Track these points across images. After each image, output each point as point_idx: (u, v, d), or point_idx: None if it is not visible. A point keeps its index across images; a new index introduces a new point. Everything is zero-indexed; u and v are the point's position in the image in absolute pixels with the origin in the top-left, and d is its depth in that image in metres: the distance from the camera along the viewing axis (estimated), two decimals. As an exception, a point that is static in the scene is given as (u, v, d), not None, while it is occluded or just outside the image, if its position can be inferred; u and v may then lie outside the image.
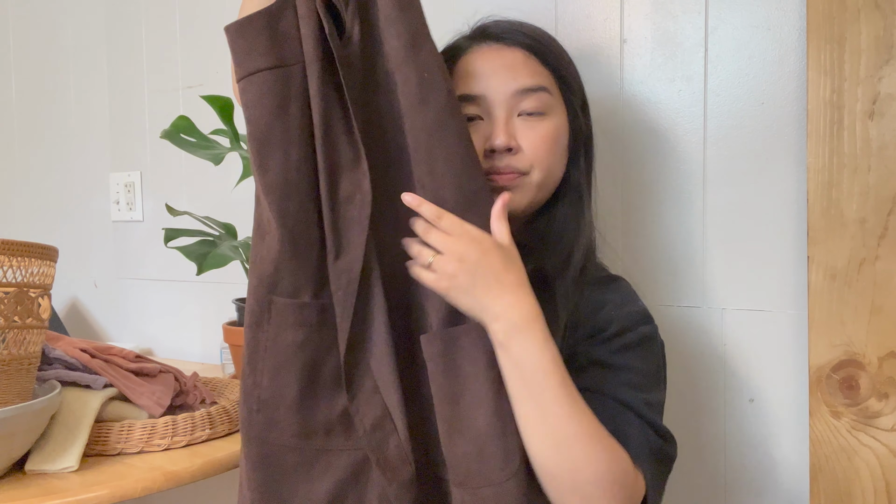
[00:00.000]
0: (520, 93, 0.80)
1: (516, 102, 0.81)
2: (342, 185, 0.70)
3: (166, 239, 1.18)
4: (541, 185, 0.82)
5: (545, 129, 0.81)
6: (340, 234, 0.70)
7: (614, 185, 1.09)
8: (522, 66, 0.81)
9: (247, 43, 0.69)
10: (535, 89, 0.81)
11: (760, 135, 0.99)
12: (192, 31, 1.60)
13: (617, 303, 0.81)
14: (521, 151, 0.80)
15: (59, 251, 0.92)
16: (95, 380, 0.96)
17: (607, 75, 1.10)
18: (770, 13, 0.98)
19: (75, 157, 1.84)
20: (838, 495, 0.91)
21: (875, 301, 0.88)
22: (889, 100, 0.87)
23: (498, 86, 0.80)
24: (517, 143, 0.80)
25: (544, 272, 0.80)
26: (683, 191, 1.05)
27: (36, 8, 1.90)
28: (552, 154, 0.82)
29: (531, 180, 0.81)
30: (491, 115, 0.81)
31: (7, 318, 0.82)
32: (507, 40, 0.83)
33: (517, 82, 0.80)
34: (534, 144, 0.80)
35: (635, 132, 1.08)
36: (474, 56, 0.83)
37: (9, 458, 0.84)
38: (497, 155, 0.80)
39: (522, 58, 0.82)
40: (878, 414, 0.89)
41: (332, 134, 0.70)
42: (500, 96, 0.80)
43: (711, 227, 1.03)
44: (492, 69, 0.81)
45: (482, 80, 0.81)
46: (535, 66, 0.82)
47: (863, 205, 0.88)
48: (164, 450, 0.95)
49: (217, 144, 1.30)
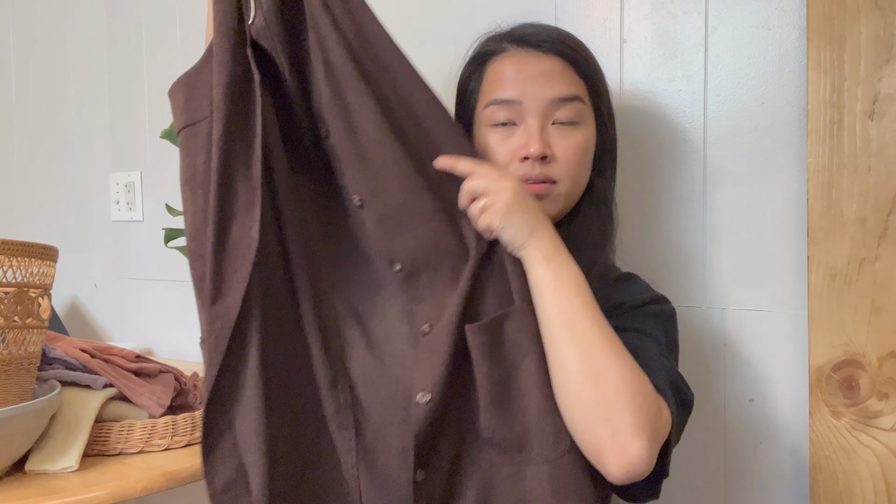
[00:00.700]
0: (556, 101, 0.80)
1: (552, 111, 0.81)
2: (232, 229, 0.70)
3: (166, 239, 1.18)
4: (569, 195, 0.83)
5: (578, 139, 0.82)
6: (221, 279, 0.70)
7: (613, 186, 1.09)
8: (560, 74, 0.82)
9: (174, 102, 0.75)
10: (571, 98, 0.81)
11: (760, 135, 1.00)
12: (191, 32, 1.60)
13: (632, 293, 0.83)
14: (555, 160, 0.81)
15: (59, 251, 0.92)
16: (95, 380, 0.96)
17: (607, 75, 1.09)
18: (770, 13, 0.98)
19: (75, 157, 1.84)
20: (838, 495, 0.91)
21: (875, 301, 0.88)
22: (889, 100, 0.87)
23: (535, 92, 0.80)
24: (552, 151, 0.81)
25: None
26: (683, 191, 1.05)
27: (36, 8, 1.90)
28: (582, 164, 0.83)
29: (560, 190, 0.82)
30: (525, 122, 0.81)
31: (7, 318, 0.82)
32: (544, 47, 0.82)
33: (554, 90, 0.80)
34: (567, 154, 0.81)
35: (635, 132, 1.08)
36: (510, 60, 0.83)
37: (9, 458, 0.84)
38: (530, 162, 0.80)
39: (560, 66, 0.82)
40: (878, 414, 0.89)
41: (228, 179, 0.70)
42: (536, 103, 0.80)
43: (711, 227, 1.03)
44: (529, 75, 0.81)
45: (518, 85, 0.81)
46: (572, 75, 0.82)
47: (863, 205, 0.88)
48: (164, 450, 0.95)
49: (217, 144, 1.29)
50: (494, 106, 0.82)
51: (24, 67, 1.94)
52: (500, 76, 0.83)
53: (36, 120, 1.93)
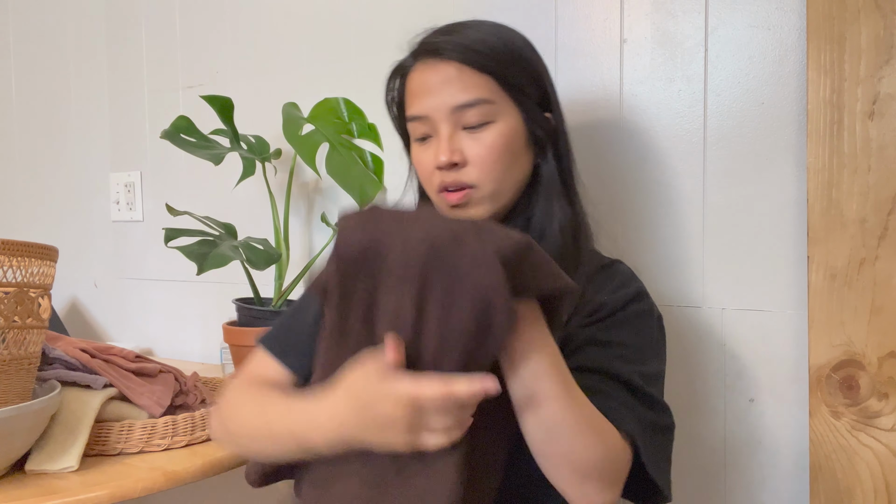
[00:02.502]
0: (458, 109, 0.81)
1: (458, 118, 0.81)
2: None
3: (166, 239, 1.18)
4: (494, 196, 0.82)
5: (490, 139, 0.81)
6: None
7: (614, 185, 1.09)
8: (457, 80, 0.81)
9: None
10: (472, 104, 0.80)
11: (760, 135, 1.00)
12: (192, 31, 1.60)
13: (611, 288, 0.82)
14: (468, 165, 0.81)
15: (59, 251, 0.92)
16: (95, 380, 0.96)
17: (607, 75, 1.10)
18: (770, 13, 0.98)
19: (75, 157, 1.84)
20: (838, 495, 0.91)
21: (875, 301, 0.88)
22: (889, 100, 0.87)
23: (437, 105, 0.81)
24: (462, 156, 0.81)
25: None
26: (683, 191, 1.05)
27: (36, 8, 1.90)
28: (501, 162, 0.81)
29: (482, 193, 0.81)
30: (437, 133, 0.82)
31: (7, 318, 0.82)
32: (443, 55, 0.82)
33: (454, 98, 0.80)
34: (480, 157, 0.81)
35: (635, 132, 1.08)
36: (416, 75, 0.84)
37: (9, 458, 0.84)
38: (444, 171, 0.81)
39: (456, 72, 0.81)
40: (878, 414, 0.89)
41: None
42: (440, 114, 0.81)
43: (711, 227, 1.03)
44: (429, 89, 0.82)
45: (423, 100, 0.82)
46: (471, 77, 0.81)
47: (863, 205, 0.88)
48: (164, 450, 0.95)
49: (217, 144, 1.30)
50: (411, 123, 0.85)
51: (24, 67, 1.95)
52: (410, 92, 0.85)
53: (36, 120, 1.93)
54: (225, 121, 1.26)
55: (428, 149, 0.84)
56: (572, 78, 1.12)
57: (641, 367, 0.77)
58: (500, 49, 0.83)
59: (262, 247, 1.26)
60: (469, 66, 0.81)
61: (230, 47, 1.54)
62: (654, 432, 0.75)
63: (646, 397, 0.75)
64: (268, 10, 1.48)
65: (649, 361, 0.79)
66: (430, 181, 0.84)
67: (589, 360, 0.75)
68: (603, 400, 0.71)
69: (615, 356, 0.76)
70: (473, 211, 0.82)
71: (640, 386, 0.75)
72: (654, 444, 0.74)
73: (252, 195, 1.47)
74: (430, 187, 0.85)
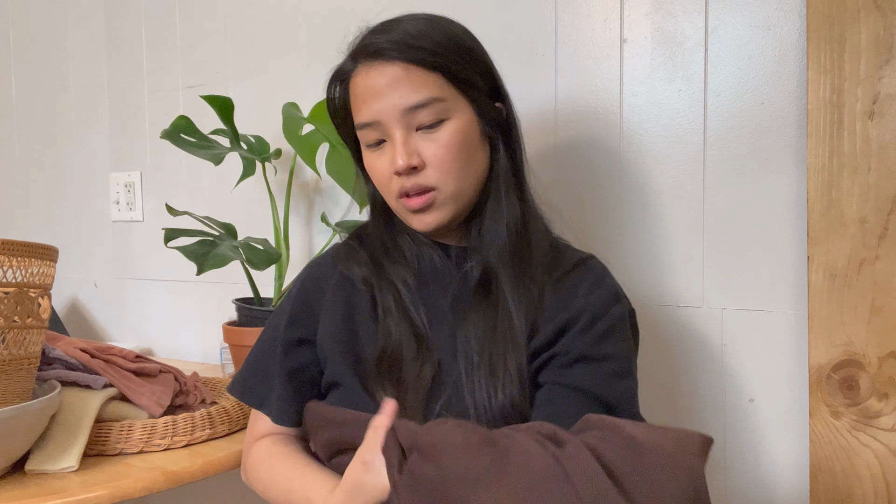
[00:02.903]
0: (409, 110, 0.78)
1: (410, 119, 0.78)
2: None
3: (166, 239, 1.18)
4: (456, 195, 0.80)
5: (445, 137, 0.78)
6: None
7: (614, 185, 1.09)
8: (405, 81, 0.78)
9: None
10: (423, 104, 0.78)
11: (760, 135, 1.00)
12: (192, 31, 1.60)
13: (585, 290, 0.81)
14: (426, 167, 0.79)
15: (59, 251, 0.92)
16: (95, 380, 0.96)
17: (607, 75, 1.10)
18: (770, 13, 0.98)
19: (75, 157, 1.84)
20: (838, 495, 0.91)
21: (875, 301, 0.88)
22: (889, 100, 0.87)
23: (387, 108, 0.78)
24: (420, 159, 0.78)
25: (489, 267, 0.81)
26: (683, 191, 1.05)
27: (36, 8, 1.90)
28: (458, 160, 0.79)
29: (445, 194, 0.80)
30: (391, 137, 0.79)
31: (7, 318, 0.82)
32: (384, 55, 0.79)
33: (404, 100, 0.78)
34: (437, 157, 0.78)
35: (635, 132, 1.08)
36: (360, 79, 0.81)
37: (9, 458, 0.84)
38: (403, 177, 0.79)
39: (402, 73, 0.78)
40: (878, 414, 0.89)
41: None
42: (391, 118, 0.78)
43: (711, 227, 1.03)
44: (377, 92, 0.79)
45: (372, 105, 0.79)
46: (418, 76, 0.78)
47: (863, 205, 0.88)
48: (164, 450, 0.95)
49: (217, 144, 1.30)
50: (361, 131, 0.82)
51: (24, 67, 1.95)
52: (356, 98, 0.81)
53: (36, 120, 1.93)
54: (225, 121, 1.26)
55: (382, 154, 0.81)
56: (572, 78, 1.12)
57: (629, 382, 0.79)
58: (444, 43, 0.80)
59: (262, 247, 1.26)
60: (415, 64, 0.78)
61: (230, 47, 1.54)
62: None
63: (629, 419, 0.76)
64: (268, 11, 1.48)
65: (633, 368, 0.81)
66: (388, 187, 0.81)
67: (583, 380, 0.76)
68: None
69: (606, 374, 0.77)
70: (437, 214, 0.80)
71: (625, 409, 0.77)
72: None
73: (252, 195, 1.48)
74: (388, 194, 0.82)
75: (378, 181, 0.83)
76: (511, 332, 0.78)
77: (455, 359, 0.79)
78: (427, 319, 0.82)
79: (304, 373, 0.86)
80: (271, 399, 0.86)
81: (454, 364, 0.78)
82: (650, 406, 1.08)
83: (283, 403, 0.85)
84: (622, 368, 0.79)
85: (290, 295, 0.90)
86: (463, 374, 0.77)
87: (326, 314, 0.86)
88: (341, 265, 0.88)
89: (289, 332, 0.86)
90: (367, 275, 0.85)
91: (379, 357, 0.80)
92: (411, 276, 0.84)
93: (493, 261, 0.82)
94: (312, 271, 0.91)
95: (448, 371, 0.78)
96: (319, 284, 0.88)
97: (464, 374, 0.77)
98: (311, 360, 0.86)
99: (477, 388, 0.76)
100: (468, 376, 0.77)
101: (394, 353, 0.79)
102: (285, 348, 0.86)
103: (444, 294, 0.83)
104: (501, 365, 0.76)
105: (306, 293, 0.88)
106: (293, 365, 0.86)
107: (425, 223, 0.81)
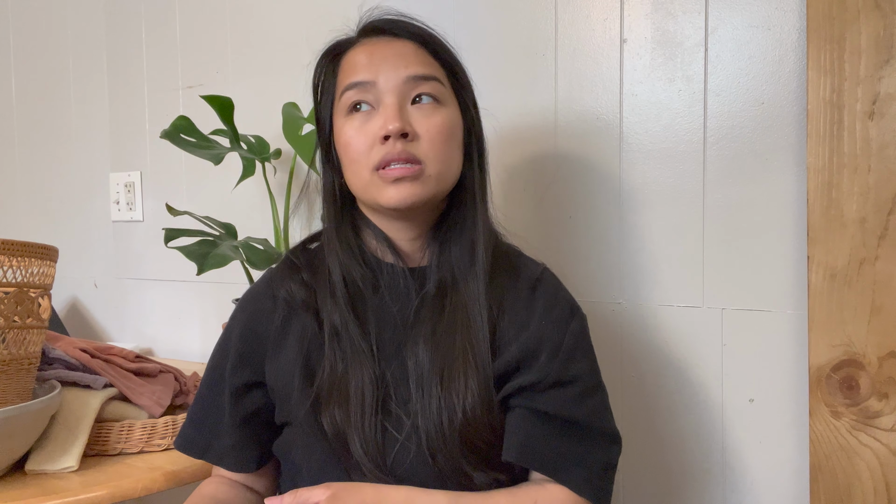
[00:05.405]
0: (412, 79, 0.76)
1: (409, 90, 0.76)
2: None
3: (166, 239, 1.18)
4: (439, 178, 0.77)
5: (441, 118, 0.77)
6: None
7: (614, 185, 1.09)
8: (414, 55, 0.78)
9: None
10: (428, 77, 0.77)
11: (760, 135, 1.00)
12: (192, 31, 1.60)
13: (542, 308, 0.80)
14: (418, 139, 0.75)
15: (59, 251, 0.92)
16: (95, 380, 0.96)
17: (607, 75, 1.10)
18: (770, 13, 0.98)
19: (75, 157, 1.84)
20: (838, 495, 0.91)
21: (875, 301, 0.88)
22: (889, 100, 0.87)
23: (389, 72, 0.76)
24: (413, 129, 0.75)
25: (450, 282, 0.80)
26: (683, 191, 1.05)
27: (36, 8, 1.90)
28: (448, 145, 0.77)
29: (429, 172, 0.76)
30: (382, 103, 0.76)
31: (7, 318, 0.82)
32: (397, 33, 0.79)
33: (409, 69, 0.76)
34: (430, 133, 0.76)
35: (635, 132, 1.08)
36: (362, 48, 0.79)
37: (9, 458, 0.85)
38: (391, 141, 0.74)
39: (413, 48, 0.78)
40: (878, 414, 0.89)
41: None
42: (391, 82, 0.76)
43: (711, 227, 1.03)
44: (382, 57, 0.77)
45: (372, 67, 0.76)
46: (427, 57, 0.79)
47: (863, 205, 0.88)
48: (164, 450, 0.95)
49: (217, 144, 1.30)
50: (349, 91, 0.77)
51: (24, 67, 1.95)
52: (353, 63, 0.79)
53: (36, 120, 1.93)
54: (225, 121, 1.26)
55: (367, 121, 0.76)
56: (572, 78, 1.12)
57: (599, 396, 0.80)
58: (447, 47, 0.82)
59: (262, 247, 1.26)
60: (424, 47, 0.79)
61: (230, 47, 1.54)
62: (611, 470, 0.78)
63: (601, 436, 0.78)
64: (268, 10, 1.48)
65: (599, 377, 0.82)
66: (367, 157, 0.76)
67: (554, 405, 0.76)
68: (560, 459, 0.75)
69: (575, 395, 0.78)
70: (418, 188, 0.75)
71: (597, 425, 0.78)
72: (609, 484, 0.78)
73: (252, 195, 1.48)
74: (362, 168, 0.77)
75: (355, 151, 0.77)
76: (472, 350, 0.76)
77: (408, 379, 0.77)
78: (378, 337, 0.79)
79: (257, 417, 0.83)
80: (225, 449, 0.82)
81: (407, 384, 0.76)
82: (650, 406, 1.08)
83: (238, 452, 0.82)
84: (590, 384, 0.79)
85: (230, 335, 0.85)
86: (416, 393, 0.75)
87: (273, 350, 0.82)
88: (280, 289, 0.83)
89: (235, 378, 0.82)
90: (307, 296, 0.81)
91: (329, 382, 0.77)
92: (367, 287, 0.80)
93: (454, 276, 0.80)
94: (249, 305, 0.86)
95: (400, 391, 0.76)
96: (260, 318, 0.83)
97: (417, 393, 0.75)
98: (263, 403, 0.82)
99: (429, 408, 0.74)
100: (424, 395, 0.75)
101: (342, 377, 0.76)
102: (235, 396, 0.82)
103: (402, 310, 0.80)
104: (458, 384, 0.74)
105: (248, 331, 0.83)
106: (244, 413, 0.82)
107: (402, 196, 0.75)
